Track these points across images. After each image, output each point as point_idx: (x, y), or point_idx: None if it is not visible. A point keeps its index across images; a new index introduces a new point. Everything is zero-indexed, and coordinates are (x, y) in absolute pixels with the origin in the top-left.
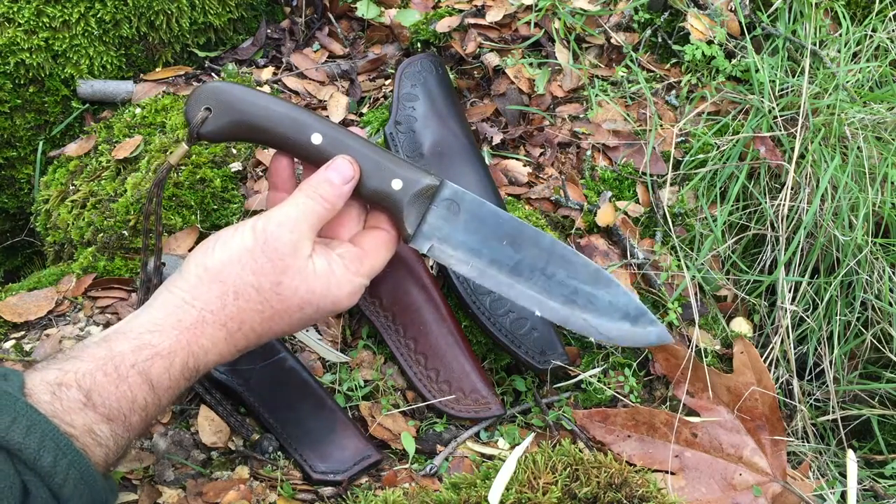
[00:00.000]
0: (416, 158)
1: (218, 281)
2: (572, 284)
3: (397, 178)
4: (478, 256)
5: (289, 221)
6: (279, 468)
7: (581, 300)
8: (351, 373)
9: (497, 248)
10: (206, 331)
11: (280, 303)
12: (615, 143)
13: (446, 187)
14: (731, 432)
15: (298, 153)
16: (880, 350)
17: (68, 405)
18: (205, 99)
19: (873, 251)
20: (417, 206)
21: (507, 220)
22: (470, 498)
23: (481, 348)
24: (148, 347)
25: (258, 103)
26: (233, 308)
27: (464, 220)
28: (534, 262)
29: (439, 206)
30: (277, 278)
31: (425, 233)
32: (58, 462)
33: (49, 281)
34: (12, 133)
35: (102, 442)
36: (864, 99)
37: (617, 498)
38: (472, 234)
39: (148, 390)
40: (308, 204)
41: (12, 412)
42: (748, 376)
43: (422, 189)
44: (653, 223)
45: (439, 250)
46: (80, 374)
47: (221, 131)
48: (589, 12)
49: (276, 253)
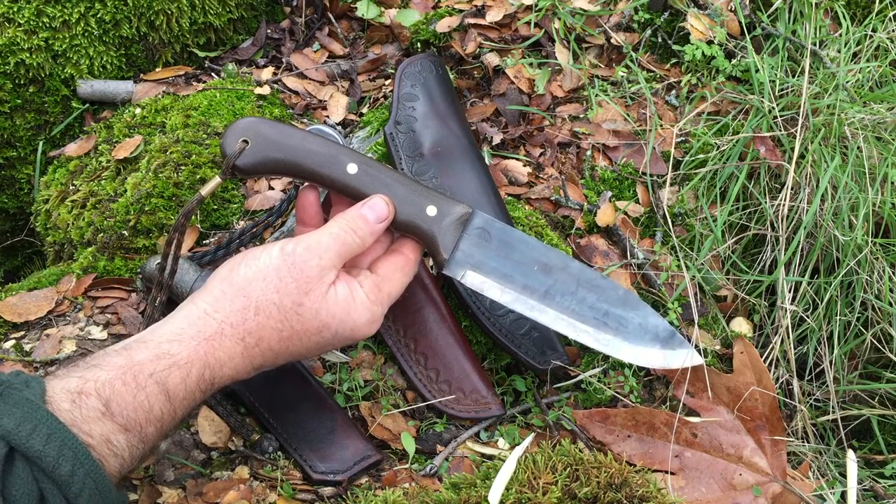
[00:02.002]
0: (416, 158)
1: (242, 295)
2: (603, 308)
3: (432, 205)
4: (510, 282)
5: (319, 248)
6: (279, 468)
7: (612, 323)
8: (351, 373)
9: (529, 273)
10: (225, 343)
11: (300, 324)
12: (615, 143)
13: (477, 216)
14: (731, 432)
15: (334, 184)
16: (880, 350)
17: (87, 414)
18: (242, 132)
19: (873, 251)
20: (451, 233)
21: (536, 247)
22: (470, 498)
23: (481, 348)
24: (166, 357)
25: (294, 136)
26: (252, 323)
27: (495, 247)
28: (564, 286)
29: (471, 234)
30: (300, 299)
31: (459, 260)
32: (75, 471)
33: (49, 281)
34: (12, 133)
35: (118, 452)
36: (864, 99)
37: (617, 498)
38: (503, 261)
39: (165, 401)
40: (340, 236)
41: (33, 420)
42: (748, 376)
43: (455, 217)
44: (653, 223)
45: (473, 276)
46: (100, 384)
47: (257, 164)
48: (589, 12)
49: (302, 275)
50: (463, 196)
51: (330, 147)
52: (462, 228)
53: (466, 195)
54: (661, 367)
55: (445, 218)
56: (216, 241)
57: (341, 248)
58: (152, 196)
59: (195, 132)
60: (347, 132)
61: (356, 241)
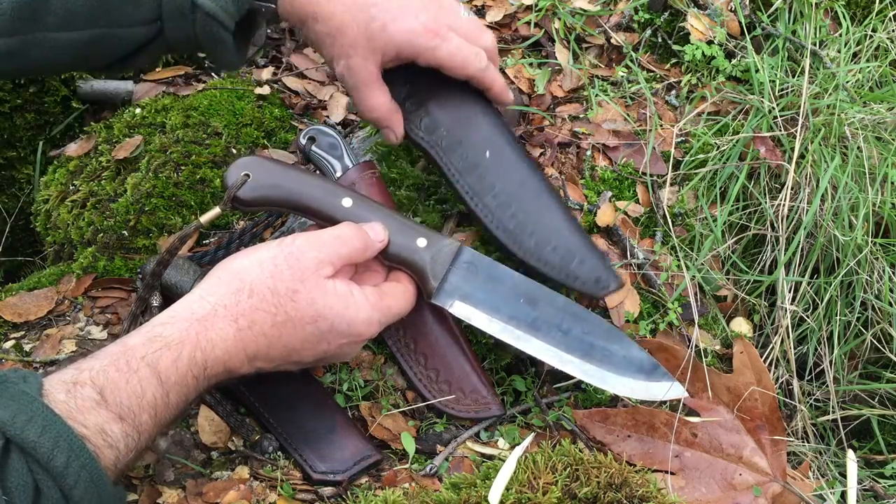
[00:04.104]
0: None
1: (237, 279)
2: (588, 340)
3: (422, 238)
4: (497, 313)
5: (318, 242)
6: (279, 468)
7: (598, 354)
8: (351, 373)
9: (515, 305)
10: (217, 324)
11: (294, 310)
12: (615, 143)
13: (465, 251)
14: (731, 432)
15: (330, 217)
16: (880, 350)
17: (82, 404)
18: (244, 166)
19: (873, 251)
20: (440, 265)
21: (521, 282)
22: (470, 498)
23: (481, 348)
24: (158, 339)
25: (293, 172)
26: (246, 305)
27: (482, 280)
28: (550, 318)
29: (459, 268)
30: (294, 286)
31: (447, 291)
32: (70, 463)
33: (49, 281)
34: (12, 133)
35: (113, 443)
36: (864, 99)
37: (617, 498)
38: (490, 293)
39: (157, 384)
40: (342, 237)
41: (28, 412)
42: (748, 376)
43: (444, 249)
44: (653, 223)
45: (461, 307)
46: (95, 372)
47: (257, 198)
48: (589, 12)
49: (298, 264)
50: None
51: (326, 181)
52: (450, 261)
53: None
54: (645, 399)
55: (434, 250)
56: (216, 242)
57: (341, 248)
58: (152, 196)
59: (195, 132)
60: (347, 132)
61: (357, 245)
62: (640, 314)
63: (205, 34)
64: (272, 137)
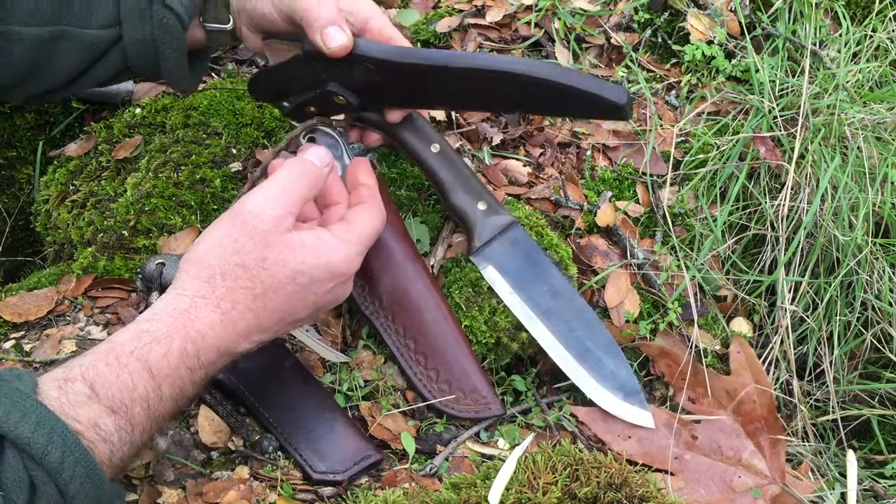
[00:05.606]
0: None
1: (204, 268)
2: (587, 344)
3: (483, 202)
4: (521, 290)
5: (268, 200)
6: (279, 468)
7: (590, 359)
8: (351, 373)
9: (538, 290)
10: (201, 314)
11: (270, 277)
12: (615, 143)
13: (515, 228)
14: (731, 436)
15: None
16: (880, 350)
17: (74, 399)
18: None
19: (873, 251)
20: (488, 231)
21: (553, 275)
22: (470, 498)
23: (481, 348)
24: (146, 334)
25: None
26: (222, 289)
27: (520, 258)
28: (562, 314)
29: (504, 240)
30: (261, 254)
31: (486, 255)
32: (65, 459)
33: (49, 281)
34: (12, 133)
35: (106, 437)
36: (864, 99)
37: (617, 498)
38: (522, 272)
39: (148, 378)
40: (287, 185)
41: (22, 408)
42: (746, 377)
43: (497, 219)
44: (653, 223)
45: (492, 272)
46: (85, 367)
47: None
48: (589, 12)
49: (256, 231)
50: None
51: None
52: (499, 231)
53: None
54: (615, 415)
55: (489, 216)
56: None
57: (293, 195)
58: (152, 196)
59: (195, 132)
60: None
61: (307, 182)
62: (640, 314)
63: (162, 31)
64: (272, 137)
